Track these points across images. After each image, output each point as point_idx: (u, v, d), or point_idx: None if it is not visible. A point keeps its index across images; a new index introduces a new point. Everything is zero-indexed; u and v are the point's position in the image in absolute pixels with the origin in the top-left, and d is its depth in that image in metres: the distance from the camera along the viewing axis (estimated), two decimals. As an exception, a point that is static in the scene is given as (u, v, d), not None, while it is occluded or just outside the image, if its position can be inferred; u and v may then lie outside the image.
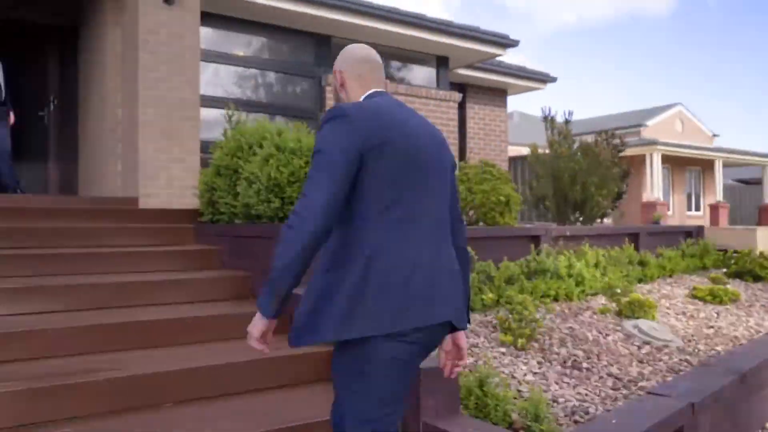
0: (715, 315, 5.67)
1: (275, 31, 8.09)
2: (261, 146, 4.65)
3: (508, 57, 14.91)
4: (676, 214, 19.46)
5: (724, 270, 7.77)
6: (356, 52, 2.00)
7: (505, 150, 11.89)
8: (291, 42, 8.30)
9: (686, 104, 46.78)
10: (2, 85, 6.46)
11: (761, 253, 7.76)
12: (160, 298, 3.98)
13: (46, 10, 7.46)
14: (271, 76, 8.14)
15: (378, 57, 2.03)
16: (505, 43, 9.46)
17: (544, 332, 4.34)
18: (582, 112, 65.30)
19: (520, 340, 4.00)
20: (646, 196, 16.99)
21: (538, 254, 5.63)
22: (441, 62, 9.62)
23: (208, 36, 7.37)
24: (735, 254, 7.99)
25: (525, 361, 3.84)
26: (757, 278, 7.39)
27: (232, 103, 6.06)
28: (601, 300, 5.53)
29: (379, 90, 1.96)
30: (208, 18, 7.08)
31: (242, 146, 4.85)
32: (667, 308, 5.66)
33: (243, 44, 7.90)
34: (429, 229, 1.82)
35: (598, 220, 8.92)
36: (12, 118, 6.55)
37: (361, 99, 1.93)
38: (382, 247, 1.73)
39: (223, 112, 5.92)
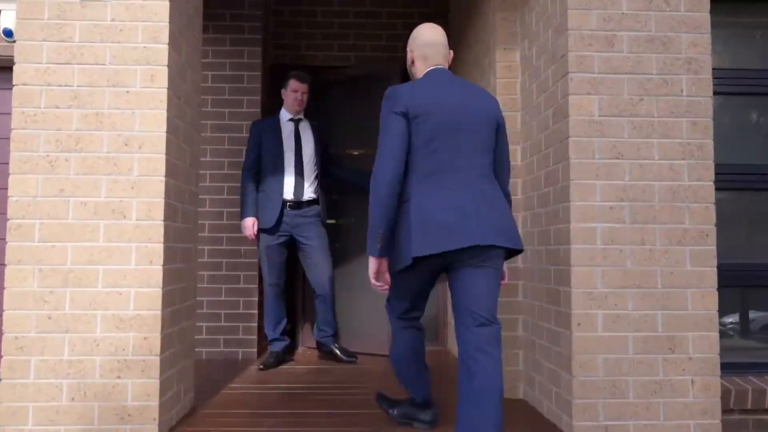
0: None
1: None
2: None
3: None
4: None
5: None
6: (425, 35, 2.29)
7: None
8: None
9: None
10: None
11: None
12: None
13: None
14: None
15: (442, 37, 2.29)
16: None
17: None
18: None
19: None
20: None
21: None
22: None
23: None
24: None
25: None
26: None
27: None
28: None
29: (436, 67, 2.27)
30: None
31: None
32: None
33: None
34: (462, 178, 2.10)
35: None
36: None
37: (422, 74, 2.30)
38: (417, 192, 2.10)
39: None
